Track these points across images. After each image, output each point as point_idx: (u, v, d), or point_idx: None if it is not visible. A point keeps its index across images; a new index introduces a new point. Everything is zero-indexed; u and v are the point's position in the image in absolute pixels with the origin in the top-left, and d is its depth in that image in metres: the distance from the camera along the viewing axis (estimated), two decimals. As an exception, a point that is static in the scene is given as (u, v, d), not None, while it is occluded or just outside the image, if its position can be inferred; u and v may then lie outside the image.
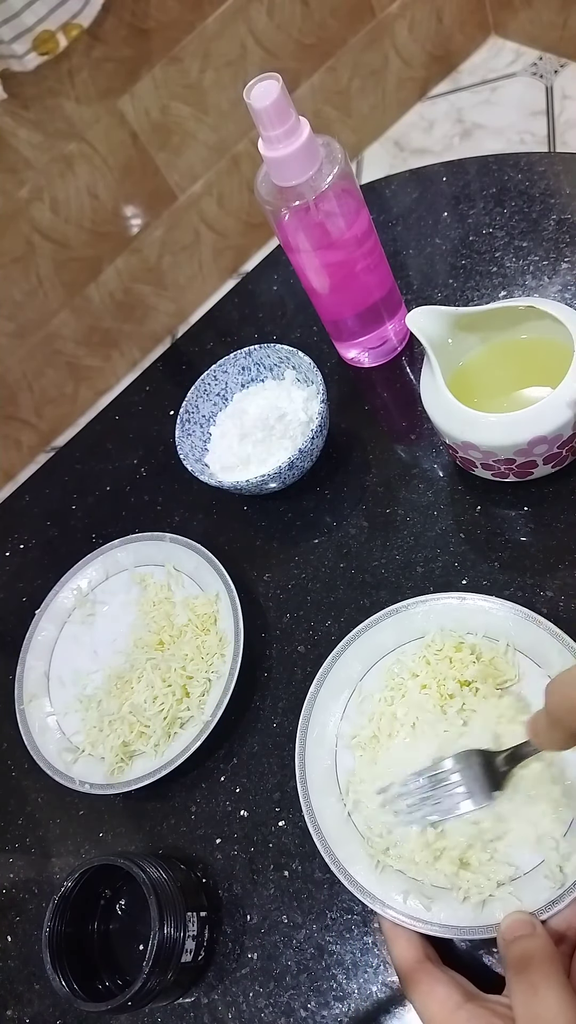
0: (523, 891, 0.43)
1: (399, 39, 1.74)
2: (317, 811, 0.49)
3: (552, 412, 0.49)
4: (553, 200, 0.69)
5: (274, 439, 0.62)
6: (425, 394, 0.55)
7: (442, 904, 0.44)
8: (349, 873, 0.46)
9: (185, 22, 1.45)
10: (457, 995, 0.40)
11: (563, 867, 0.43)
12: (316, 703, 0.52)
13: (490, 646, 0.51)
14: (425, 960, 0.43)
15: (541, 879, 0.43)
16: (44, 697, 0.62)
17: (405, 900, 0.45)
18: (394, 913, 0.44)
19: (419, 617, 0.53)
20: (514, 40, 1.84)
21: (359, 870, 0.47)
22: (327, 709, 0.52)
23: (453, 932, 0.43)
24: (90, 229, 1.55)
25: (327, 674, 0.53)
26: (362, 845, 0.47)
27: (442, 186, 0.76)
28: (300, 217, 0.55)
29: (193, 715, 0.56)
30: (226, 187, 1.69)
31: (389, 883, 0.46)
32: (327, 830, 0.48)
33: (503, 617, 0.51)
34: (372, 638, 0.53)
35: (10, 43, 1.26)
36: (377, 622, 0.54)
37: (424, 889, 0.45)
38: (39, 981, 0.55)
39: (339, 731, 0.52)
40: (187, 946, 0.47)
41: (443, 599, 0.53)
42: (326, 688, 0.53)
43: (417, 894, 0.45)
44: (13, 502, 0.79)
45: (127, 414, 0.78)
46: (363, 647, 0.53)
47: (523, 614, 0.50)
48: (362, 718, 0.52)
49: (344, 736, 0.52)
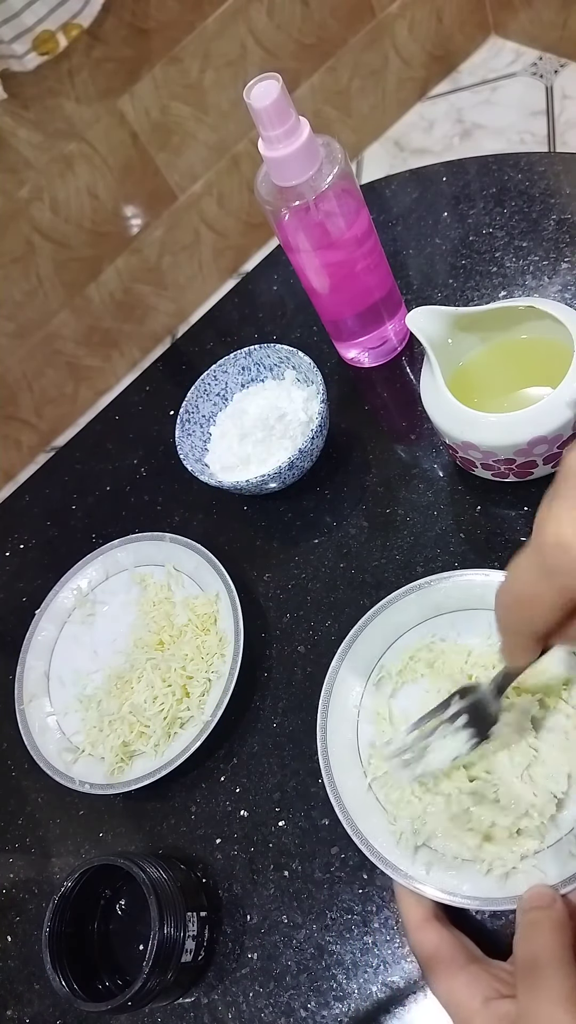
0: (547, 864, 0.44)
1: (399, 39, 1.74)
2: (339, 784, 0.49)
3: (552, 412, 0.49)
4: (553, 200, 0.69)
5: (274, 439, 0.62)
6: (425, 394, 0.55)
7: (465, 876, 0.45)
8: (372, 845, 0.47)
9: (185, 22, 1.45)
10: (461, 957, 0.41)
11: None
12: (338, 678, 0.52)
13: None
14: (432, 919, 0.43)
15: (566, 852, 0.44)
16: (44, 697, 0.62)
17: (428, 872, 0.45)
18: (418, 884, 0.45)
19: (441, 594, 0.53)
20: (514, 40, 1.84)
21: (382, 843, 0.47)
22: (348, 685, 0.53)
23: (477, 903, 0.44)
24: (90, 229, 1.55)
25: (348, 650, 0.53)
26: (384, 817, 0.48)
27: (442, 186, 0.76)
28: (300, 217, 0.55)
29: (193, 715, 0.56)
30: (226, 187, 1.69)
31: (411, 855, 0.46)
32: (348, 803, 0.48)
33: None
34: (393, 615, 0.54)
35: (10, 43, 1.26)
36: (399, 598, 0.54)
37: (447, 861, 0.45)
38: (39, 981, 0.55)
39: (361, 705, 0.52)
40: (187, 946, 0.47)
41: (467, 575, 0.53)
42: (347, 663, 0.53)
43: (440, 866, 0.45)
44: (13, 502, 0.79)
45: (127, 414, 0.78)
46: (385, 623, 0.54)
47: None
48: (383, 694, 0.52)
49: (366, 710, 0.52)
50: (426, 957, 0.42)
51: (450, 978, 0.40)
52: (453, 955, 0.41)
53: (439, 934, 0.42)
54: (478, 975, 0.40)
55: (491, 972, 0.40)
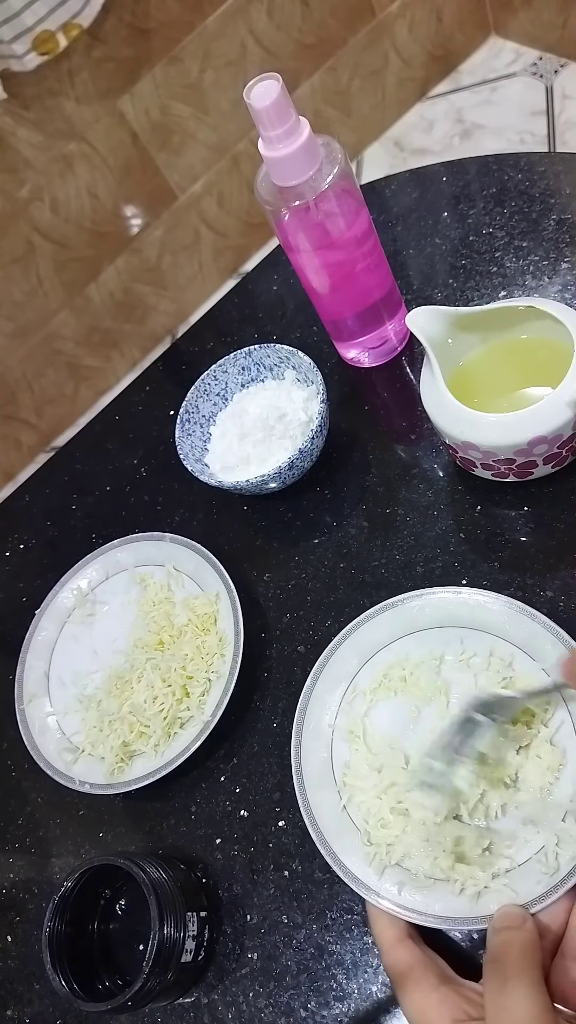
0: (518, 883, 0.44)
1: (399, 39, 1.74)
2: (313, 804, 0.49)
3: (552, 412, 0.49)
4: (553, 200, 0.69)
5: (274, 439, 0.62)
6: (425, 394, 0.55)
7: (437, 895, 0.45)
8: (344, 864, 0.47)
9: (185, 22, 1.45)
10: (433, 977, 0.41)
11: (558, 856, 0.44)
12: (312, 697, 0.53)
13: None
14: (406, 939, 0.43)
15: (536, 871, 0.44)
16: (44, 697, 0.62)
17: (400, 891, 0.45)
18: (389, 904, 0.45)
19: (415, 611, 0.53)
20: (514, 40, 1.84)
21: (354, 861, 0.47)
22: (323, 703, 0.53)
23: (448, 923, 0.44)
24: (90, 229, 1.55)
25: (322, 669, 0.53)
26: (358, 837, 0.48)
27: (442, 186, 0.76)
28: (300, 217, 0.55)
29: (193, 715, 0.56)
30: (226, 187, 1.69)
31: (384, 874, 0.46)
32: (323, 822, 0.48)
33: (498, 611, 0.51)
34: (368, 633, 0.54)
35: (10, 43, 1.26)
36: (373, 616, 0.54)
37: (419, 881, 0.45)
38: (39, 981, 0.55)
39: (335, 724, 0.52)
40: (187, 946, 0.47)
41: (439, 593, 0.53)
42: (322, 682, 0.53)
43: (412, 885, 0.45)
44: (13, 502, 0.79)
45: (127, 414, 0.78)
46: (359, 641, 0.54)
47: (518, 608, 0.51)
48: (356, 713, 0.52)
49: (340, 729, 0.52)
50: (398, 976, 0.42)
51: (421, 998, 0.40)
52: (425, 975, 0.41)
53: (412, 953, 0.42)
54: (448, 995, 0.40)
55: (462, 993, 0.40)
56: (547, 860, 0.44)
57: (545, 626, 0.49)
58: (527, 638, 0.50)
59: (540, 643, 0.50)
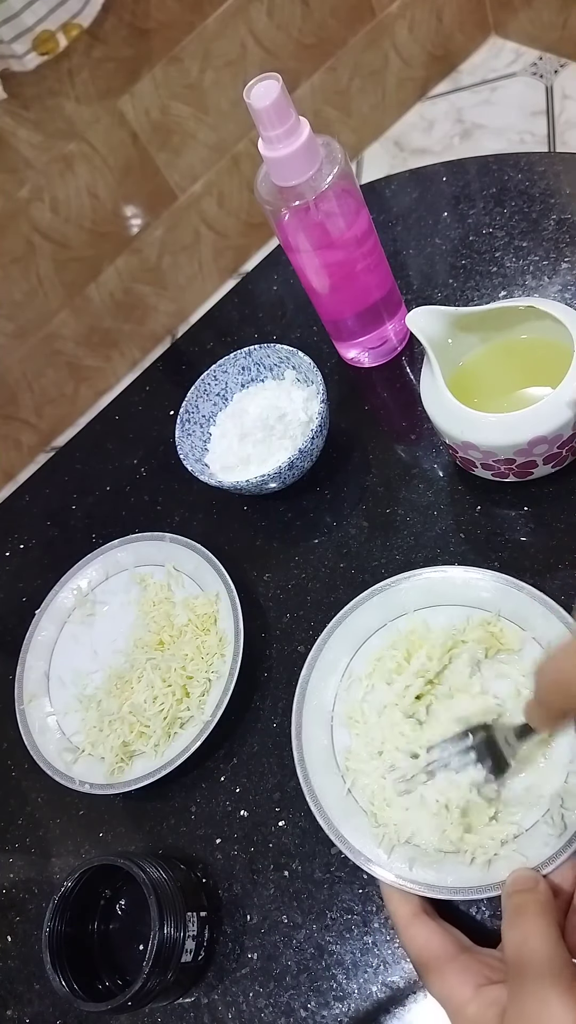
0: (527, 847, 0.44)
1: (399, 39, 1.74)
2: (318, 789, 0.49)
3: (552, 412, 0.49)
4: (553, 200, 0.69)
5: (274, 439, 0.62)
6: (425, 394, 0.55)
7: (449, 868, 0.45)
8: (353, 846, 0.47)
9: (185, 22, 1.45)
10: (452, 948, 0.41)
11: (564, 816, 0.44)
12: (308, 687, 0.53)
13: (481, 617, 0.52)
14: (421, 913, 0.44)
15: (544, 833, 0.44)
16: (44, 697, 0.62)
17: (411, 868, 0.45)
18: (401, 881, 0.45)
19: (402, 594, 0.54)
20: (514, 40, 1.84)
21: (364, 843, 0.47)
22: (319, 691, 0.53)
23: (462, 894, 0.44)
24: (90, 229, 1.55)
25: (316, 659, 0.54)
26: (364, 819, 0.48)
27: (442, 186, 0.76)
28: (300, 217, 0.55)
29: (193, 715, 0.56)
30: (226, 187, 1.69)
31: (394, 853, 0.46)
32: (328, 807, 0.48)
33: (484, 586, 0.52)
34: (357, 620, 0.54)
35: (10, 43, 1.26)
36: (361, 603, 0.54)
37: (430, 856, 0.46)
38: (39, 981, 0.55)
39: (334, 711, 0.53)
40: (187, 946, 0.47)
41: (425, 573, 0.54)
42: (316, 671, 0.53)
43: (423, 861, 0.45)
44: (13, 502, 0.79)
45: (127, 414, 0.78)
46: (349, 629, 0.54)
47: (504, 580, 0.51)
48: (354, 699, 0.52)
49: (339, 716, 0.52)
50: (417, 952, 0.42)
51: (441, 970, 0.40)
52: (444, 947, 0.41)
53: (428, 928, 0.43)
54: (468, 964, 0.40)
55: (481, 960, 0.41)
56: (554, 821, 0.44)
57: (533, 596, 0.50)
58: (516, 609, 0.51)
59: (529, 614, 0.51)
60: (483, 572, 0.52)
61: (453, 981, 0.40)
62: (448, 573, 0.53)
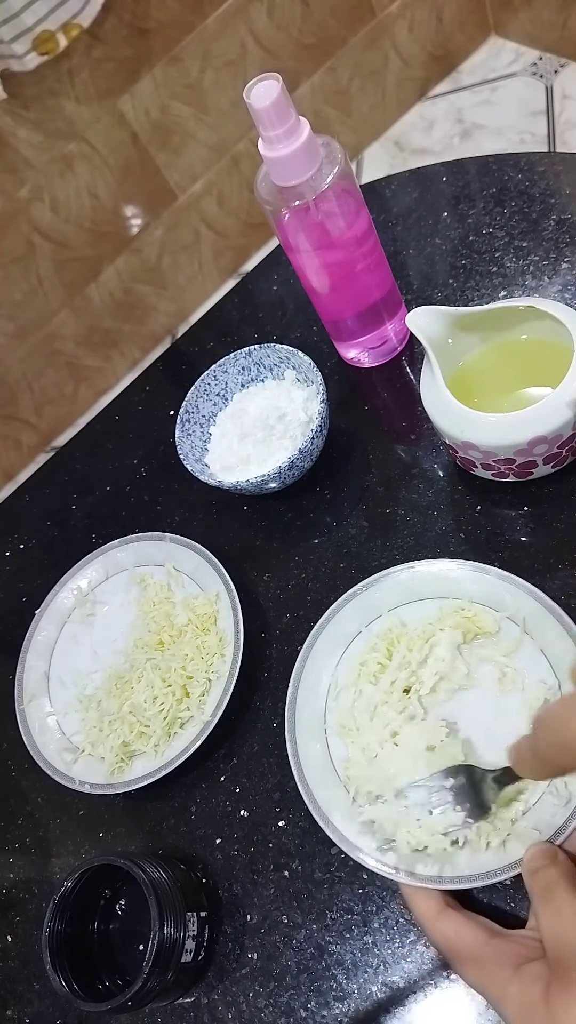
0: (537, 821, 0.44)
1: (399, 39, 1.74)
2: (322, 802, 0.49)
3: (552, 412, 0.49)
4: (553, 200, 0.69)
5: (274, 439, 0.62)
6: (425, 394, 0.55)
7: (465, 858, 0.45)
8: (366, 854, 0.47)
9: (185, 22, 1.45)
10: (483, 933, 0.41)
11: (568, 784, 0.44)
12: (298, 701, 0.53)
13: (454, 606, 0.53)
14: (446, 908, 0.43)
15: (550, 805, 0.44)
16: (44, 697, 0.62)
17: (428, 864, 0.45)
18: (421, 881, 0.45)
19: (375, 595, 0.54)
20: (514, 40, 1.84)
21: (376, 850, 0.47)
22: (309, 704, 0.53)
23: (482, 879, 0.44)
24: (90, 229, 1.55)
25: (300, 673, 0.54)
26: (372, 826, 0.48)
27: (442, 186, 0.76)
28: (300, 217, 0.55)
29: (193, 715, 0.56)
30: (226, 187, 1.69)
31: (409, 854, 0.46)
32: (337, 820, 0.48)
33: (454, 576, 0.53)
34: (336, 628, 0.55)
35: (10, 43, 1.26)
36: (337, 610, 0.55)
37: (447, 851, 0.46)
38: (39, 981, 0.55)
39: (326, 722, 0.53)
40: (187, 946, 0.47)
41: (393, 572, 0.54)
42: (303, 686, 0.53)
43: (439, 858, 0.45)
44: (13, 502, 0.79)
45: (127, 414, 0.78)
46: (329, 639, 0.54)
47: (470, 567, 0.52)
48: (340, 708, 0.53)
49: (332, 726, 0.52)
50: (448, 946, 0.42)
51: (476, 958, 0.40)
52: (475, 935, 0.41)
53: (455, 921, 0.42)
54: (502, 946, 0.40)
55: (515, 941, 0.41)
56: (558, 792, 0.45)
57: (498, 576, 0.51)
58: (487, 593, 0.52)
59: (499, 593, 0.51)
60: (450, 562, 0.53)
61: (491, 965, 0.39)
62: (416, 568, 0.54)
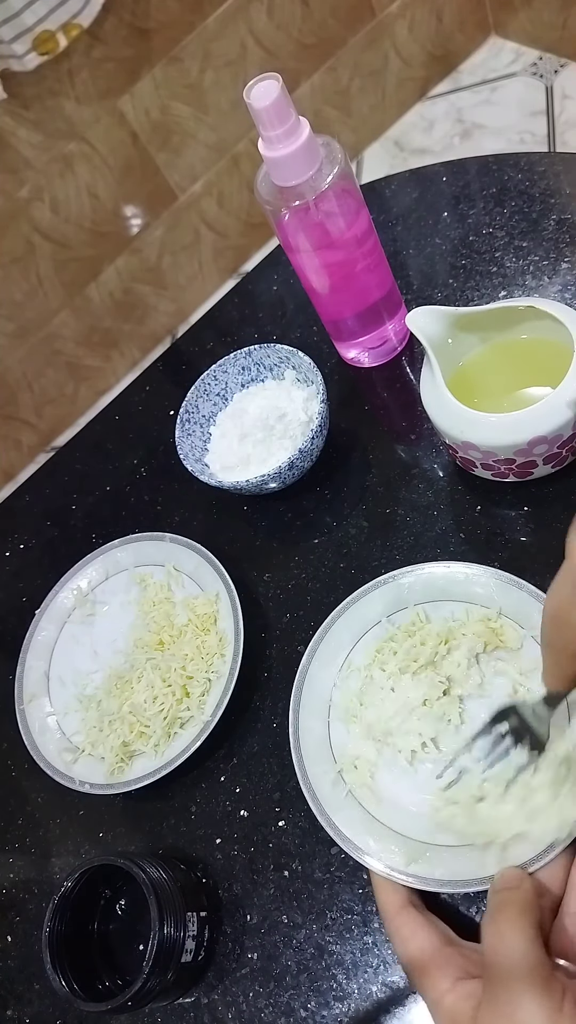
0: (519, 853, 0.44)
1: (399, 39, 1.74)
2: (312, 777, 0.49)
3: (552, 412, 0.49)
4: (553, 200, 0.69)
5: (274, 439, 0.62)
6: (425, 394, 0.55)
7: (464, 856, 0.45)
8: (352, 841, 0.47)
9: (185, 22, 1.45)
10: (437, 939, 0.42)
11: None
12: (308, 675, 0.53)
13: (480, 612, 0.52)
14: (408, 906, 0.44)
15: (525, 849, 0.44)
16: (44, 697, 0.62)
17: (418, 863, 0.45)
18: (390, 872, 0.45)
19: (404, 588, 0.54)
20: (514, 40, 1.84)
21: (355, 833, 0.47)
22: (319, 680, 0.53)
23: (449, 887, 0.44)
24: (90, 229, 1.55)
25: (317, 646, 0.54)
26: (363, 814, 0.48)
27: (442, 186, 0.76)
28: (300, 217, 0.55)
29: (193, 715, 0.56)
30: (226, 187, 1.69)
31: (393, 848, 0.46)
32: (326, 801, 0.48)
33: (486, 583, 0.52)
34: (358, 612, 0.55)
35: (10, 43, 1.26)
36: (365, 593, 0.55)
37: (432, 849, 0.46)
38: (39, 981, 0.55)
39: (332, 701, 0.53)
40: (187, 946, 0.47)
41: (428, 568, 0.54)
42: (317, 660, 0.54)
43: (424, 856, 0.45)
44: (13, 502, 0.79)
45: (127, 414, 0.78)
46: (350, 621, 0.54)
47: (505, 578, 0.52)
48: (351, 689, 0.52)
49: (337, 707, 0.52)
50: (401, 943, 0.43)
51: (423, 962, 0.41)
52: (429, 939, 0.42)
53: (414, 921, 0.43)
54: (451, 957, 0.41)
55: (463, 954, 0.41)
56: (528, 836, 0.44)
57: (532, 595, 0.51)
58: (516, 607, 0.51)
59: (530, 611, 0.51)
60: (484, 569, 0.53)
61: (434, 973, 0.40)
62: (451, 568, 0.54)
